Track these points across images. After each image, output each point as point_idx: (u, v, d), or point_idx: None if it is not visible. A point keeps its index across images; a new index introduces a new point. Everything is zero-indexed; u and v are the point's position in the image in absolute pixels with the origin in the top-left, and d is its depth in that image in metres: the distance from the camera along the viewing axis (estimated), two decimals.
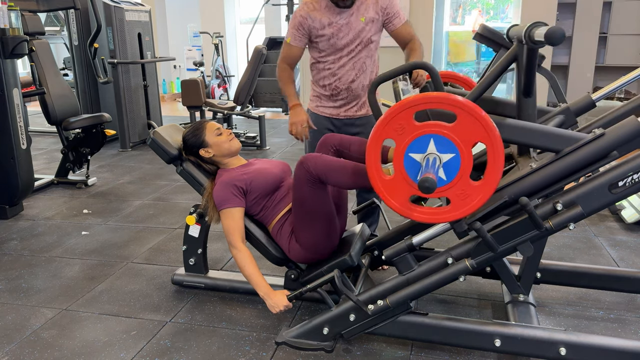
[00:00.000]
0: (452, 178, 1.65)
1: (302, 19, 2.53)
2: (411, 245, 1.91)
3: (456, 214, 1.70)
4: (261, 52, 5.67)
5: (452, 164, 1.64)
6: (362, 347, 2.07)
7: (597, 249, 2.97)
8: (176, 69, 10.15)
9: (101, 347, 2.09)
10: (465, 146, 1.62)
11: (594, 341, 1.81)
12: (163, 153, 2.42)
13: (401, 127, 1.65)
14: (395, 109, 1.64)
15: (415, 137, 1.65)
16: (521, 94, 1.84)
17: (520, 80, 1.80)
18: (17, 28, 3.43)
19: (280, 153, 5.49)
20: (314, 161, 2.04)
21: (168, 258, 2.94)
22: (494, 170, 1.62)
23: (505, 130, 1.73)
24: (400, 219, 3.39)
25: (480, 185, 1.65)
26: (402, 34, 2.56)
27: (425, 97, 1.61)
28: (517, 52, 1.77)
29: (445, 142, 1.62)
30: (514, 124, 1.76)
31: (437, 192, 1.67)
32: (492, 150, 1.60)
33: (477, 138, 1.61)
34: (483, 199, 1.66)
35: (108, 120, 4.38)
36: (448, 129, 1.62)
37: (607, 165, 1.76)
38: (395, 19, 2.54)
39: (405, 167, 1.68)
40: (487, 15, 7.75)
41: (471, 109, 1.58)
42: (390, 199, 1.74)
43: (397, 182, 1.71)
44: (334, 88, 2.59)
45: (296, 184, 2.11)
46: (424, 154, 1.66)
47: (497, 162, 1.61)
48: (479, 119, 1.58)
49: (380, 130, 1.68)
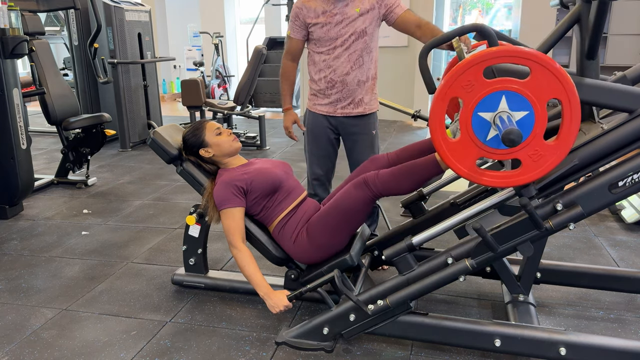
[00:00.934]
0: (525, 137, 1.55)
1: (298, 10, 2.58)
2: (411, 245, 1.91)
3: (528, 176, 1.60)
4: (261, 52, 5.67)
5: (525, 122, 1.54)
6: (362, 347, 2.07)
7: (597, 249, 2.97)
8: (176, 69, 10.15)
9: (101, 347, 2.09)
10: (540, 103, 1.52)
11: (594, 341, 1.81)
12: (163, 153, 2.42)
13: (470, 84, 1.54)
14: (464, 64, 1.53)
15: (485, 94, 1.54)
16: (584, 56, 1.75)
17: (585, 41, 1.71)
18: (17, 28, 3.43)
19: (280, 153, 5.49)
20: (380, 181, 2.07)
21: (168, 258, 2.94)
22: (570, 129, 1.52)
23: (583, 90, 1.63)
24: (400, 219, 3.39)
25: (555, 145, 1.55)
26: (408, 19, 2.52)
27: (499, 51, 1.51)
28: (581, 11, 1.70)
29: (518, 99, 1.53)
30: (592, 83, 1.67)
31: (508, 152, 1.58)
32: (569, 107, 1.51)
33: (553, 94, 1.52)
34: (557, 160, 1.56)
35: (108, 120, 4.38)
36: (522, 85, 1.52)
37: (607, 165, 1.76)
38: (396, 7, 2.53)
39: (473, 127, 1.57)
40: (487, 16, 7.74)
41: (548, 63, 1.49)
42: (456, 163, 1.63)
43: (464, 144, 1.60)
44: (329, 81, 2.60)
45: (350, 196, 2.12)
46: (494, 112, 1.56)
47: (573, 120, 1.51)
48: (556, 74, 1.49)
49: (447, 88, 1.56)
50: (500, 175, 1.65)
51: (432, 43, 1.78)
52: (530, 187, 1.72)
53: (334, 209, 2.17)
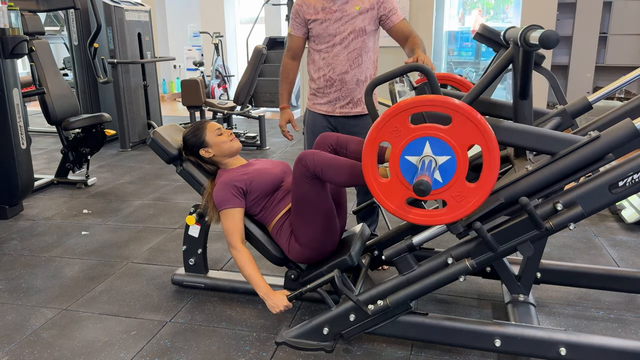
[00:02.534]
0: (448, 180, 1.65)
1: (298, 7, 2.60)
2: (411, 245, 1.91)
3: (452, 216, 1.70)
4: (261, 52, 5.67)
5: (448, 166, 1.64)
6: (362, 347, 2.07)
7: (597, 249, 2.97)
8: (176, 69, 10.15)
9: (101, 347, 2.09)
10: (461, 149, 1.62)
11: (594, 341, 1.81)
12: (163, 153, 2.42)
13: (397, 129, 1.65)
14: (390, 112, 1.64)
15: (410, 140, 1.65)
16: (517, 97, 1.84)
17: (517, 82, 1.80)
18: (17, 28, 3.43)
19: (280, 153, 5.49)
20: (311, 157, 2.04)
21: (168, 258, 2.94)
22: (490, 172, 1.62)
23: (501, 133, 1.73)
24: (400, 219, 3.39)
25: (476, 188, 1.65)
26: (400, 30, 2.56)
27: (421, 100, 1.61)
28: (514, 54, 1.78)
29: (441, 145, 1.63)
30: (509, 127, 1.76)
31: (433, 195, 1.67)
32: (488, 152, 1.60)
33: (473, 140, 1.60)
34: (479, 201, 1.66)
35: (108, 120, 4.38)
36: (444, 132, 1.62)
37: (607, 165, 1.76)
38: (393, 15, 2.55)
39: (401, 170, 1.68)
40: (487, 15, 7.75)
41: (466, 112, 1.58)
42: (386, 201, 1.74)
43: (393, 185, 1.71)
44: (328, 79, 2.60)
45: (295, 180, 2.11)
46: (419, 157, 1.66)
47: (492, 165, 1.61)
48: (475, 122, 1.58)
49: (376, 133, 1.68)
50: (426, 213, 1.73)
51: (374, 82, 1.86)
52: (457, 224, 1.79)
53: (294, 199, 2.16)
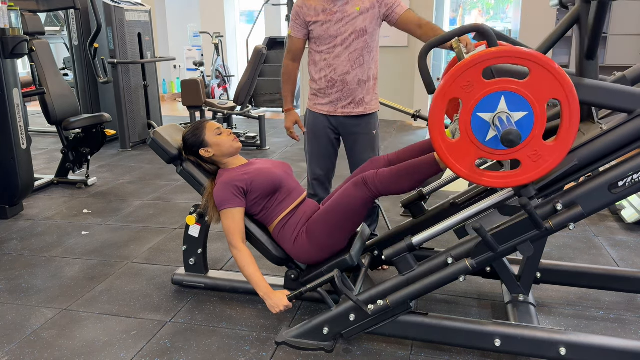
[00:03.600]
0: (524, 138, 1.56)
1: (299, 9, 2.59)
2: (411, 245, 1.91)
3: (527, 176, 1.60)
4: (261, 52, 5.67)
5: (524, 123, 1.54)
6: (362, 347, 2.07)
7: (597, 249, 2.97)
8: (176, 69, 10.15)
9: (101, 347, 2.09)
10: (539, 103, 1.53)
11: (594, 341, 1.81)
12: (163, 153, 2.42)
13: (469, 84, 1.55)
14: (463, 65, 1.54)
15: (484, 95, 1.55)
16: (584, 57, 1.75)
17: (584, 41, 1.72)
18: (17, 28, 3.43)
19: (280, 153, 5.49)
20: (373, 179, 2.08)
21: (168, 258, 2.94)
22: (570, 129, 1.53)
23: (582, 90, 1.63)
24: (400, 219, 3.39)
25: (554, 146, 1.56)
26: (409, 19, 2.53)
27: (498, 52, 1.51)
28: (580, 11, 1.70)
29: (517, 100, 1.53)
30: (590, 84, 1.67)
31: (507, 153, 1.59)
32: (568, 108, 1.51)
33: (552, 94, 1.52)
34: (556, 160, 1.57)
35: (108, 120, 4.38)
36: (521, 85, 1.53)
37: (607, 165, 1.76)
38: (397, 7, 2.53)
39: (472, 128, 1.58)
40: (487, 15, 7.75)
41: (547, 63, 1.49)
42: (455, 163, 1.63)
43: (463, 145, 1.61)
44: (329, 80, 2.60)
45: (349, 198, 2.13)
46: (494, 113, 1.56)
47: (572, 121, 1.52)
48: (555, 74, 1.49)
49: (447, 88, 1.56)
50: (500, 175, 1.65)
51: (431, 43, 1.78)
52: (529, 188, 1.72)
53: (333, 208, 2.17)
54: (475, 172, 1.64)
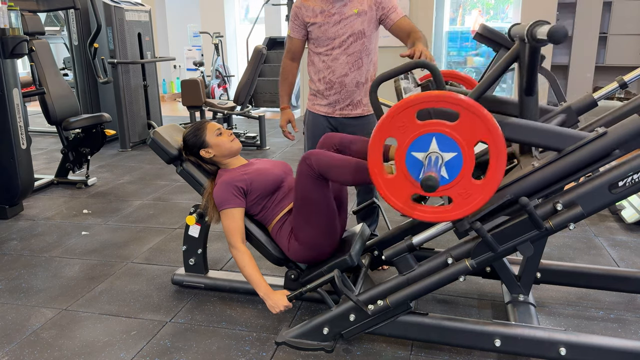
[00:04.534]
0: (454, 177, 1.65)
1: (297, 9, 2.60)
2: (411, 245, 1.91)
3: (458, 212, 1.69)
4: (261, 52, 5.67)
5: (454, 163, 1.64)
6: (362, 347, 2.07)
7: (597, 249, 2.97)
8: (176, 69, 10.15)
9: (101, 347, 2.09)
10: (468, 145, 1.61)
11: (594, 341, 1.81)
12: (163, 153, 2.42)
13: (403, 125, 1.64)
14: (397, 107, 1.64)
15: (417, 136, 1.64)
16: (523, 93, 1.83)
17: (523, 78, 1.80)
18: (17, 28, 3.43)
19: (280, 153, 5.49)
20: (316, 157, 2.05)
21: (168, 258, 2.94)
22: (497, 169, 1.61)
23: (508, 129, 1.72)
24: (400, 219, 3.39)
25: (482, 184, 1.65)
26: (401, 27, 2.54)
27: (427, 96, 1.61)
28: (519, 50, 1.77)
29: (447, 141, 1.62)
30: (516, 123, 1.76)
31: (439, 191, 1.67)
32: (495, 149, 1.60)
33: (480, 137, 1.60)
34: (485, 198, 1.65)
35: (108, 120, 4.38)
36: (450, 128, 1.61)
37: (607, 165, 1.76)
38: (392, 13, 2.54)
39: (407, 166, 1.68)
40: (487, 15, 7.75)
41: (474, 108, 1.57)
42: (391, 197, 1.73)
43: (399, 181, 1.71)
44: (328, 82, 2.60)
45: (298, 180, 2.11)
46: (426, 153, 1.65)
47: (499, 161, 1.60)
48: (482, 118, 1.57)
49: (383, 129, 1.67)
50: (432, 210, 1.73)
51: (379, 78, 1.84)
52: (463, 221, 1.78)
53: (296, 199, 2.15)
54: (410, 206, 1.74)
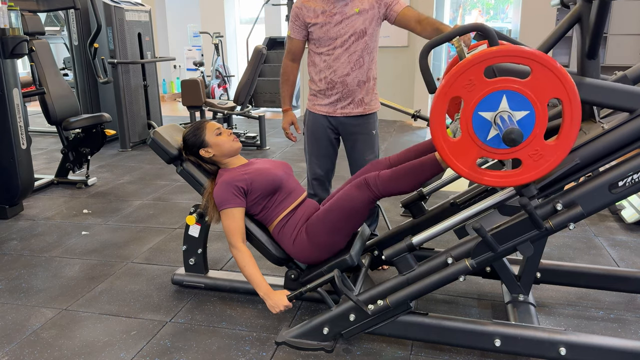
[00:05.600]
0: (526, 137, 1.55)
1: (298, 10, 2.59)
2: (411, 245, 1.91)
3: (528, 175, 1.60)
4: (261, 52, 5.67)
5: (526, 122, 1.54)
6: (362, 347, 2.07)
7: (597, 249, 2.97)
8: (176, 69, 10.15)
9: (101, 347, 2.09)
10: (541, 103, 1.52)
11: (594, 341, 1.81)
12: (163, 153, 2.42)
13: (471, 83, 1.55)
14: (465, 64, 1.53)
15: (486, 94, 1.55)
16: (585, 56, 1.75)
17: (585, 41, 1.72)
18: (17, 28, 3.43)
19: (280, 153, 5.49)
20: (375, 181, 2.09)
21: (168, 258, 2.94)
22: (571, 128, 1.52)
23: (584, 89, 1.64)
24: (400, 219, 3.39)
25: (555, 145, 1.56)
26: (407, 15, 2.51)
27: (499, 50, 1.51)
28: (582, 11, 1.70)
29: (519, 99, 1.53)
30: (592, 83, 1.68)
31: (508, 152, 1.59)
32: (570, 107, 1.51)
33: (554, 94, 1.52)
34: (557, 159, 1.57)
35: (108, 120, 4.38)
36: (522, 85, 1.52)
37: (607, 165, 1.76)
38: (395, 5, 2.52)
39: (474, 127, 1.58)
40: (487, 15, 7.75)
41: (548, 63, 1.49)
42: (456, 162, 1.63)
43: (464, 144, 1.60)
44: (329, 82, 2.60)
45: (351, 198, 2.13)
46: (495, 112, 1.56)
47: (574, 120, 1.52)
48: (557, 73, 1.49)
49: (448, 87, 1.56)
50: (501, 174, 1.65)
51: (432, 42, 1.77)
52: (531, 187, 1.71)
53: (334, 208, 2.17)
54: (477, 171, 1.63)
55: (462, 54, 1.79)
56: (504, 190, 1.89)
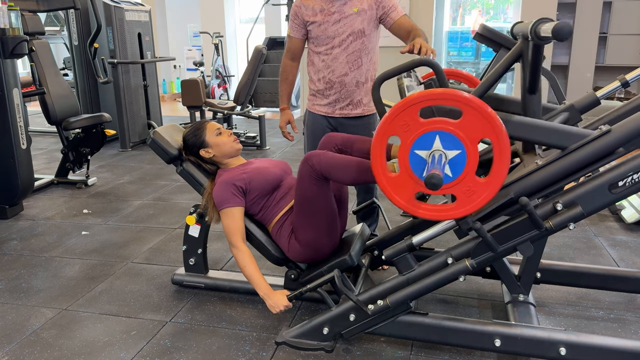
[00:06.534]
0: (458, 175, 1.64)
1: (297, 8, 2.60)
2: (411, 245, 1.91)
3: (462, 210, 1.69)
4: (261, 52, 5.67)
5: (458, 161, 1.63)
6: (362, 347, 2.07)
7: (597, 249, 2.97)
8: (176, 69, 10.15)
9: (101, 347, 2.09)
10: (471, 143, 1.60)
11: (594, 341, 1.81)
12: (163, 153, 2.42)
13: (406, 123, 1.64)
14: (400, 105, 1.63)
15: (420, 134, 1.63)
16: (526, 91, 1.81)
17: (526, 77, 1.77)
18: (17, 28, 3.43)
19: (280, 153, 5.49)
20: (318, 158, 2.05)
21: (168, 258, 2.94)
22: (500, 167, 1.60)
23: (512, 127, 1.71)
24: (400, 219, 3.39)
25: (486, 182, 1.64)
26: (401, 25, 2.53)
27: (431, 94, 1.60)
28: (522, 48, 1.75)
29: (451, 139, 1.61)
30: (520, 121, 1.74)
31: (443, 189, 1.66)
32: (499, 146, 1.59)
33: (484, 134, 1.59)
34: (489, 196, 1.65)
35: (108, 120, 4.38)
36: (454, 126, 1.60)
37: (607, 165, 1.76)
38: (392, 12, 2.53)
39: (410, 164, 1.67)
40: (487, 15, 7.75)
41: (477, 105, 1.56)
42: (395, 196, 1.73)
43: (402, 179, 1.70)
44: (327, 82, 2.60)
45: (300, 180, 2.11)
46: (429, 151, 1.64)
47: (503, 159, 1.59)
48: (485, 115, 1.56)
49: (386, 127, 1.66)
50: (437, 208, 1.73)
51: (382, 76, 1.84)
52: (467, 219, 1.78)
53: (297, 201, 2.16)
54: (414, 204, 1.73)
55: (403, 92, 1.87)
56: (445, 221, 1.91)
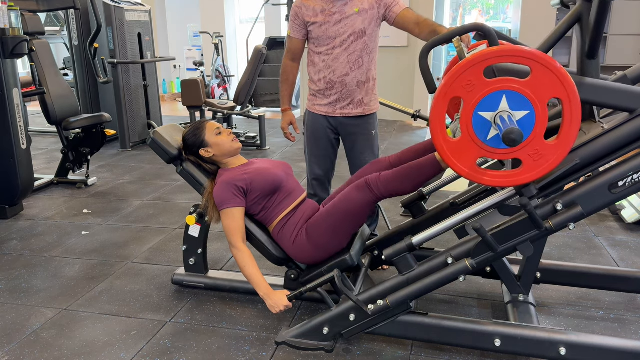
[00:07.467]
0: (525, 137, 1.55)
1: (298, 9, 2.59)
2: (411, 245, 1.91)
3: (529, 175, 1.60)
4: (261, 52, 5.67)
5: (525, 122, 1.54)
6: (362, 347, 2.07)
7: (597, 249, 2.97)
8: (176, 69, 10.15)
9: (101, 347, 2.09)
10: (541, 102, 1.52)
11: (594, 341, 1.81)
12: (163, 153, 2.42)
13: (470, 83, 1.55)
14: (464, 64, 1.54)
15: (486, 94, 1.54)
16: (585, 56, 1.75)
17: (585, 40, 1.71)
18: (17, 28, 3.43)
19: (280, 153, 5.49)
20: (376, 182, 2.09)
21: (168, 258, 2.94)
22: (571, 128, 1.52)
23: (584, 90, 1.63)
24: (400, 219, 3.39)
25: (555, 145, 1.56)
26: (406, 17, 2.50)
27: (499, 51, 1.51)
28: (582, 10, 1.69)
29: (519, 99, 1.53)
30: (592, 83, 1.67)
31: (508, 152, 1.58)
32: (570, 107, 1.51)
33: (554, 94, 1.51)
34: (557, 160, 1.56)
35: (108, 120, 4.38)
36: (522, 85, 1.52)
37: (606, 165, 1.76)
38: (395, 6, 2.51)
39: (473, 127, 1.58)
40: (487, 15, 7.75)
41: (548, 62, 1.49)
42: (457, 162, 1.63)
43: (464, 144, 1.60)
44: (328, 82, 2.60)
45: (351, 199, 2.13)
46: (495, 112, 1.56)
47: (574, 120, 1.51)
48: (557, 73, 1.49)
49: (447, 88, 1.56)
50: (501, 174, 1.65)
51: (432, 42, 1.77)
52: (530, 187, 1.71)
53: (335, 210, 2.17)
54: (477, 171, 1.63)
55: (462, 54, 1.78)
56: (503, 190, 1.89)
